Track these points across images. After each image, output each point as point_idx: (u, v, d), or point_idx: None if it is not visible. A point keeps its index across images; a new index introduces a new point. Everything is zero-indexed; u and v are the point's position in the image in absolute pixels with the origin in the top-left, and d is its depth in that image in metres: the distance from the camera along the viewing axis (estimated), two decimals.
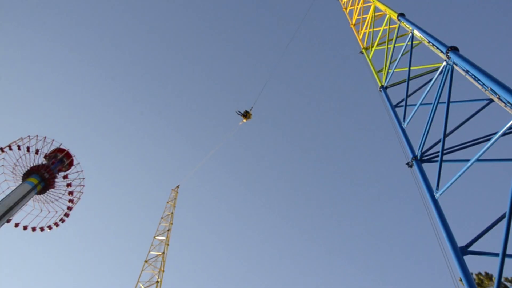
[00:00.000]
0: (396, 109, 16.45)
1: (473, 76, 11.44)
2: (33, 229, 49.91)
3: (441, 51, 13.28)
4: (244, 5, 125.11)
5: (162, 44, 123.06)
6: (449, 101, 12.44)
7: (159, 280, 38.79)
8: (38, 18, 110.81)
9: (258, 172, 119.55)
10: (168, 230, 44.80)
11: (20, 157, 48.53)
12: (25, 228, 49.37)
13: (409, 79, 15.82)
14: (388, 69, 18.28)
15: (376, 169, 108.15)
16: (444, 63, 13.09)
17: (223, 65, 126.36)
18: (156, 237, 44.05)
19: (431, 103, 13.62)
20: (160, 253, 41.76)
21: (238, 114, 41.64)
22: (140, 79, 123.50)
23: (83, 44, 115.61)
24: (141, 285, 38.51)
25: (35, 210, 50.44)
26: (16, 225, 48.51)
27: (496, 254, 9.09)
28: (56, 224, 51.53)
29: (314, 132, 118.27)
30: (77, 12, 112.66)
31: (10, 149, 48.28)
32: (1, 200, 42.14)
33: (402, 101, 16.19)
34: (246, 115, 41.32)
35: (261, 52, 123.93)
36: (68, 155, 52.05)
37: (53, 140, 50.61)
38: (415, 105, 14.91)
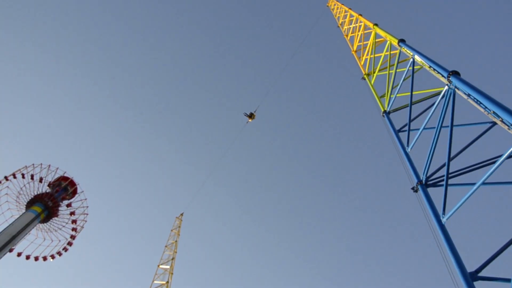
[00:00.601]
0: (400, 133, 16.47)
1: (475, 100, 11.49)
2: (36, 258, 49.37)
3: (443, 76, 13.39)
4: (246, 27, 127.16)
5: (163, 70, 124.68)
6: (452, 125, 12.46)
7: None
8: (40, 35, 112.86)
9: (262, 195, 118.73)
10: (173, 258, 44.27)
11: (24, 185, 48.53)
12: (27, 257, 48.83)
13: (411, 103, 15.91)
14: (391, 94, 18.43)
15: (381, 194, 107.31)
16: (446, 87, 13.18)
17: (219, 87, 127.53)
18: (160, 266, 43.49)
19: (434, 127, 13.64)
20: (164, 282, 41.16)
21: (245, 115, 50.75)
22: (144, 108, 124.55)
23: (87, 72, 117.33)
24: None
25: (38, 239, 50.15)
26: (19, 254, 48.06)
27: (508, 280, 8.90)
28: (59, 253, 51.02)
29: (318, 159, 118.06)
30: (77, 29, 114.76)
31: (15, 177, 48.34)
32: (4, 229, 41.84)
33: (405, 125, 16.24)
34: (251, 116, 50.67)
35: (259, 76, 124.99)
36: (72, 183, 52.02)
37: (57, 168, 50.78)
38: (418, 129, 14.93)
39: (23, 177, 48.36)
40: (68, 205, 50.22)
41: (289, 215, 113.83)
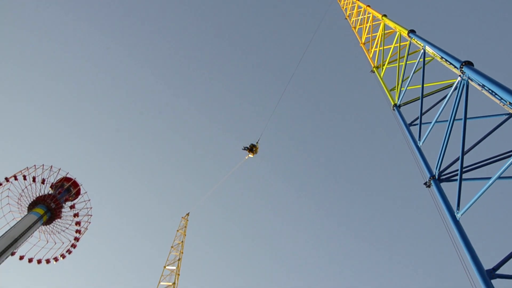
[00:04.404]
0: (411, 127, 16.17)
1: (490, 91, 11.17)
2: (39, 261, 48.96)
3: (455, 67, 13.07)
4: (254, 21, 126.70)
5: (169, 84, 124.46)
6: (465, 118, 12.11)
7: None
8: (41, 34, 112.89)
9: (270, 191, 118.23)
10: (179, 259, 44.01)
11: (26, 187, 48.22)
12: (30, 260, 48.35)
13: (422, 96, 15.55)
14: (401, 87, 18.10)
15: (392, 190, 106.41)
16: (459, 78, 12.87)
17: (230, 93, 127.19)
18: (167, 267, 43.18)
19: (447, 120, 13.32)
20: (171, 283, 40.90)
21: (244, 149, 41.69)
22: (145, 106, 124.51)
23: (88, 71, 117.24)
24: None
25: (41, 241, 49.83)
26: (21, 257, 47.56)
27: None
28: (63, 256, 50.68)
29: (328, 155, 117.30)
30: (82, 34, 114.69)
31: (16, 179, 47.98)
32: (6, 232, 41.53)
33: (416, 119, 15.91)
34: (252, 149, 41.46)
35: (270, 72, 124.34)
36: (75, 184, 51.73)
37: (60, 169, 50.45)
38: (430, 123, 14.60)
39: (25, 178, 48.11)
40: (72, 207, 49.96)
41: (297, 213, 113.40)
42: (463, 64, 12.50)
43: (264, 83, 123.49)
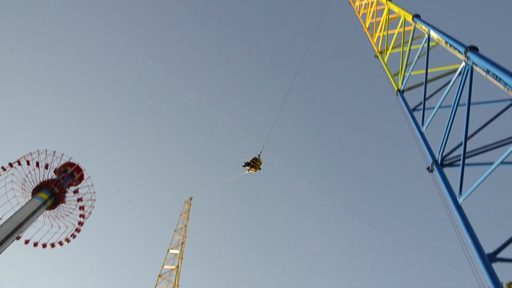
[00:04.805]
0: (414, 113, 16.15)
1: (495, 76, 11.15)
2: (44, 245, 49.45)
3: (460, 52, 13.01)
4: (255, 14, 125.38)
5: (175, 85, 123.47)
6: (469, 103, 12.10)
7: None
8: (47, 30, 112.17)
9: (274, 181, 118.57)
10: (182, 243, 44.38)
11: (30, 172, 48.33)
12: (35, 245, 48.86)
13: (426, 81, 15.48)
14: (405, 72, 17.98)
15: (395, 175, 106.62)
16: (463, 63, 12.83)
17: (235, 82, 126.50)
18: (170, 251, 43.60)
19: (450, 106, 13.29)
20: (174, 267, 41.34)
21: (245, 166, 33.38)
22: (149, 95, 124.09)
23: (97, 59, 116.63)
24: None
25: (45, 226, 50.25)
26: (26, 242, 48.07)
27: None
28: (67, 240, 51.19)
29: (330, 140, 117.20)
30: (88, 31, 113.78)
31: (19, 164, 48.15)
32: (11, 216, 41.84)
33: (420, 104, 15.89)
34: (254, 164, 33.14)
35: (277, 60, 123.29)
36: (78, 169, 51.87)
37: (63, 154, 50.61)
38: (433, 108, 14.57)
39: (28, 164, 48.19)
40: (75, 192, 50.22)
41: (299, 197, 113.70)
42: (468, 49, 12.44)
43: (268, 73, 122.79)
